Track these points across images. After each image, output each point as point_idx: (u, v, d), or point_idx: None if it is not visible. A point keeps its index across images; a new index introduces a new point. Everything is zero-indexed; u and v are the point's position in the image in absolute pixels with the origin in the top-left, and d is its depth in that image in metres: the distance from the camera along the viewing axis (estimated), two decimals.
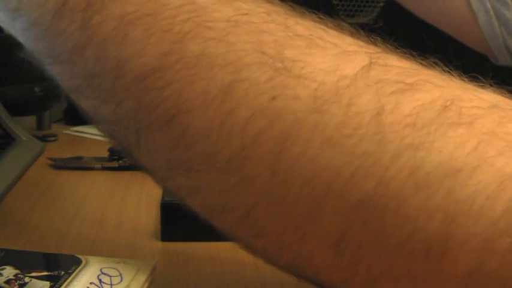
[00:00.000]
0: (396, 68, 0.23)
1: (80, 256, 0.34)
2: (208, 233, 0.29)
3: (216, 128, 0.23)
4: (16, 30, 0.31)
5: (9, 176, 0.52)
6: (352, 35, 0.25)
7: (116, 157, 0.56)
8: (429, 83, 0.22)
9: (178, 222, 0.40)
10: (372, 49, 0.24)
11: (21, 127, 0.60)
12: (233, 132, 0.23)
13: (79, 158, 0.58)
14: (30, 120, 0.71)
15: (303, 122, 0.22)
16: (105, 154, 0.57)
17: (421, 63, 0.24)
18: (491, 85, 0.23)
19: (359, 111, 0.21)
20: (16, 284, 0.31)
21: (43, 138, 0.62)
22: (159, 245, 0.41)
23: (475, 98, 0.22)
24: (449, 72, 0.24)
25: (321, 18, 0.26)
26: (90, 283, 0.31)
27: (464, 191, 0.20)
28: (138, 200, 0.49)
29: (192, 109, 0.24)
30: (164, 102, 0.24)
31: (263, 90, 0.22)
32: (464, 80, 0.24)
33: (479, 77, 0.24)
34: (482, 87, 0.23)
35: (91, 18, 0.27)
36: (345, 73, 0.22)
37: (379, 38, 0.25)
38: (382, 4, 0.79)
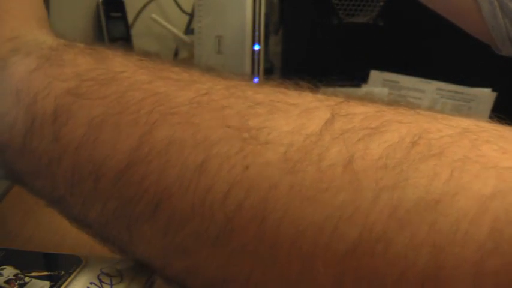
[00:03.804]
0: (359, 114, 0.23)
1: (80, 256, 0.34)
2: None
3: (198, 208, 0.24)
4: None
5: None
6: (312, 91, 0.26)
7: None
8: (395, 122, 0.22)
9: None
10: (333, 101, 0.24)
11: None
12: (214, 209, 0.23)
13: None
14: None
15: (279, 185, 0.22)
16: None
17: (387, 104, 0.24)
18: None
19: (330, 164, 0.22)
20: (16, 284, 0.31)
21: None
22: None
23: (443, 127, 0.22)
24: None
25: (280, 82, 0.26)
26: (90, 283, 0.31)
27: (446, 220, 0.20)
28: None
29: (172, 195, 0.24)
30: (146, 194, 0.25)
31: (235, 162, 0.23)
32: (433, 111, 0.24)
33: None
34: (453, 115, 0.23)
35: (60, 129, 0.27)
36: (310, 131, 0.23)
37: (339, 93, 0.25)
38: (382, 4, 0.79)
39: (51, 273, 0.32)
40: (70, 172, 0.27)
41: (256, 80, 0.34)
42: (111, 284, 0.31)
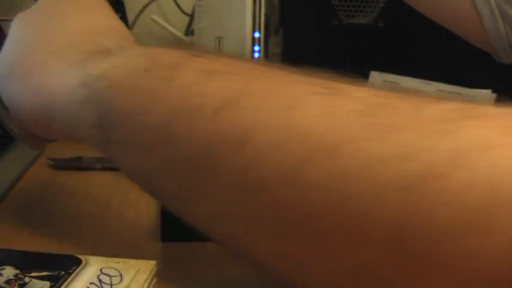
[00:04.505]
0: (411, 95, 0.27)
1: (80, 256, 0.34)
2: None
3: (281, 139, 0.26)
4: (95, 91, 0.34)
5: (9, 176, 0.52)
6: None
7: None
8: (445, 100, 0.26)
9: (178, 222, 0.40)
10: None
11: None
12: (291, 146, 0.26)
13: (79, 158, 0.58)
14: None
15: (356, 125, 0.25)
16: None
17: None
18: None
19: (402, 112, 0.25)
20: (16, 284, 0.31)
21: None
22: (159, 245, 0.41)
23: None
24: None
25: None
26: (90, 283, 0.31)
27: (501, 163, 0.22)
28: (138, 200, 0.49)
29: (259, 128, 0.27)
30: (235, 130, 0.28)
31: (321, 107, 0.26)
32: None
33: None
34: None
35: (175, 73, 0.31)
36: (383, 94, 0.27)
37: None
38: (382, 5, 0.79)
39: (51, 273, 0.32)
40: (170, 108, 0.30)
41: None
42: (111, 284, 0.31)
